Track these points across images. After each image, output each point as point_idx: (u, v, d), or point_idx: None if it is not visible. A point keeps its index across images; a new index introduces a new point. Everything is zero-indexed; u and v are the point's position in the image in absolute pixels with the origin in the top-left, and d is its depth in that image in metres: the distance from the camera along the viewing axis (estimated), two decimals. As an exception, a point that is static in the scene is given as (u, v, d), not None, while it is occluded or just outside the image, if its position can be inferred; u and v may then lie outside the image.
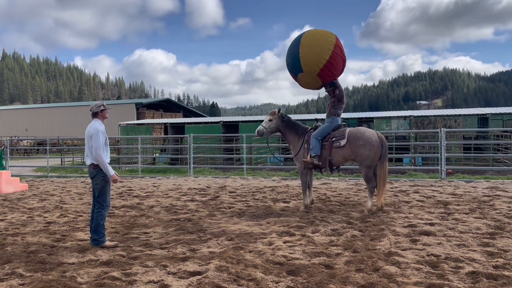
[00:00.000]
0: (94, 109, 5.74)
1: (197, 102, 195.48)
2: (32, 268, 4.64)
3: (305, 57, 7.36)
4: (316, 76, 7.50)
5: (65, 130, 47.73)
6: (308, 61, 7.37)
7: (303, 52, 7.37)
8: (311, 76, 7.55)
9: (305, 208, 7.76)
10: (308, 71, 7.45)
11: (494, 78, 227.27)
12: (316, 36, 7.52)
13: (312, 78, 7.60)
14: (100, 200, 5.64)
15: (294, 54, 7.51)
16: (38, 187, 12.38)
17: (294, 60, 7.56)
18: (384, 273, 4.16)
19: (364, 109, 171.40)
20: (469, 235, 5.61)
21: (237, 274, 4.22)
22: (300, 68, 7.52)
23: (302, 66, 7.44)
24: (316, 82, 7.72)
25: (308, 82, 7.81)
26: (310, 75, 7.52)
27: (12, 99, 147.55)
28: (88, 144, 5.64)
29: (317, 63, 7.34)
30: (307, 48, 7.36)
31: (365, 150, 7.24)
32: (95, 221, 5.58)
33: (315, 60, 7.33)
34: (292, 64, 7.68)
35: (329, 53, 7.33)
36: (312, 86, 7.98)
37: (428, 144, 17.96)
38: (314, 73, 7.46)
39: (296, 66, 7.54)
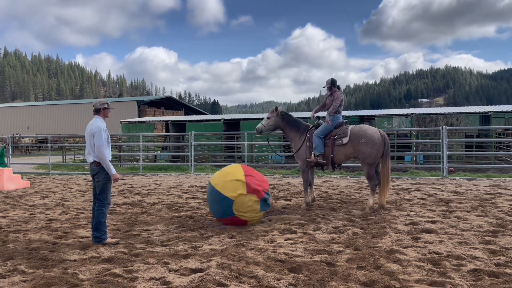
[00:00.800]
0: (97, 106, 5.72)
1: (198, 100, 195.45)
2: (34, 265, 4.65)
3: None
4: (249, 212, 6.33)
5: (66, 128, 47.78)
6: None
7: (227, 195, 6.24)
8: (246, 216, 6.33)
9: (306, 205, 7.76)
10: (241, 212, 6.28)
11: (496, 76, 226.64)
12: (224, 180, 6.43)
13: (248, 215, 6.36)
14: (101, 197, 5.65)
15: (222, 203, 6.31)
16: (39, 184, 12.40)
17: (223, 208, 6.32)
18: (385, 271, 4.16)
19: (365, 107, 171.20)
20: (470, 233, 5.61)
21: (238, 271, 4.22)
22: (231, 213, 6.28)
23: (234, 211, 6.24)
24: (254, 211, 6.37)
25: (251, 218, 6.42)
26: (244, 214, 6.31)
27: (14, 96, 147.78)
28: (89, 142, 5.63)
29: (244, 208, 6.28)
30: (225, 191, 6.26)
31: (367, 148, 7.23)
32: (96, 218, 5.59)
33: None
34: (222, 213, 6.40)
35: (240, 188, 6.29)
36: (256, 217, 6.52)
37: (429, 142, 17.91)
38: (245, 213, 6.30)
39: (227, 212, 6.32)
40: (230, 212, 6.23)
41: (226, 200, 6.19)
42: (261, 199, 6.37)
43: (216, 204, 6.36)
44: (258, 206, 6.33)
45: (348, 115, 23.50)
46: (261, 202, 6.38)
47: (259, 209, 6.37)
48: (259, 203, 6.34)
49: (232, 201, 6.17)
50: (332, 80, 7.89)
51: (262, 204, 6.41)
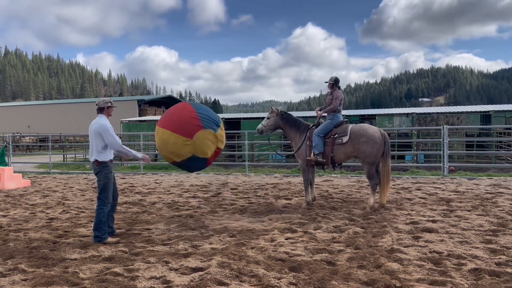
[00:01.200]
0: (101, 104, 5.75)
1: (199, 99, 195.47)
2: (35, 264, 4.65)
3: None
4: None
5: (67, 127, 47.80)
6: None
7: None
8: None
9: (307, 205, 7.75)
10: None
11: (497, 75, 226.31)
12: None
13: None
14: (102, 196, 5.65)
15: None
16: (40, 183, 12.41)
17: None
18: (386, 270, 4.15)
19: (366, 106, 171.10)
20: (471, 232, 5.60)
21: (239, 270, 4.22)
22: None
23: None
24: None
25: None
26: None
27: (14, 95, 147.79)
28: (93, 140, 5.65)
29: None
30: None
31: (367, 147, 7.22)
32: (96, 218, 5.60)
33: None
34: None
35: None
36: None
37: (430, 141, 17.92)
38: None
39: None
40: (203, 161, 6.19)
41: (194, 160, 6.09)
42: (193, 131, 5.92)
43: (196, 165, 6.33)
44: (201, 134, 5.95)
45: (349, 114, 23.50)
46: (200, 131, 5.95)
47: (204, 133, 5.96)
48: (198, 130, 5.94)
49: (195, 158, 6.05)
50: (336, 79, 7.88)
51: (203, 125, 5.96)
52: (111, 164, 5.73)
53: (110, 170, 5.70)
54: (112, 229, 5.91)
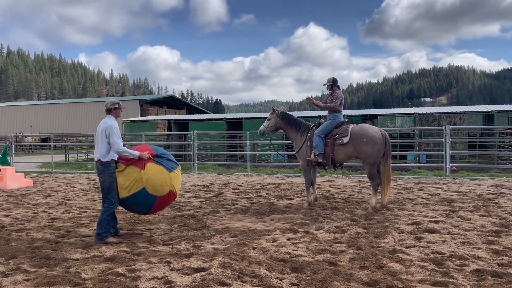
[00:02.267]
0: (108, 106, 5.84)
1: (200, 99, 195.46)
2: (37, 264, 4.66)
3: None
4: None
5: (69, 127, 47.88)
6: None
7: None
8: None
9: (308, 205, 7.75)
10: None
11: (500, 75, 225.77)
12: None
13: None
14: (109, 196, 5.67)
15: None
16: (42, 183, 12.43)
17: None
18: (388, 271, 4.15)
19: (368, 106, 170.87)
20: (474, 233, 5.58)
21: (241, 270, 4.21)
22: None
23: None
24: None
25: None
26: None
27: (17, 95, 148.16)
28: (99, 139, 5.69)
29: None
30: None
31: (368, 148, 7.21)
32: (100, 215, 5.63)
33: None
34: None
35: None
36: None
37: (432, 141, 17.88)
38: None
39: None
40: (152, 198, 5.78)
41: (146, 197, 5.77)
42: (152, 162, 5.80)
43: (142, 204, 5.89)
44: (157, 170, 5.77)
45: (351, 114, 23.48)
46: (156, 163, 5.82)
47: (161, 171, 5.79)
48: (156, 166, 5.80)
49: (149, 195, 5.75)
50: (334, 79, 7.89)
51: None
52: (114, 165, 5.74)
53: (114, 170, 5.72)
54: (115, 229, 5.92)
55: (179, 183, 6.20)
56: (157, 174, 5.78)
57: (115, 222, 5.96)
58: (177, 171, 6.12)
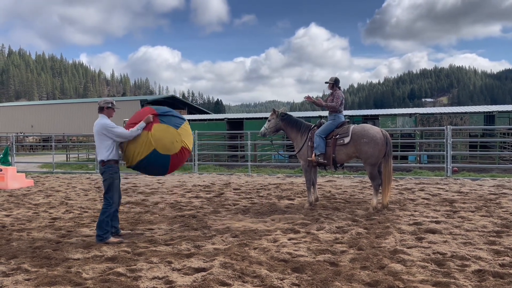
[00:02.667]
0: (101, 104, 5.78)
1: (201, 99, 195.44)
2: (38, 264, 4.66)
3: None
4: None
5: (70, 127, 47.94)
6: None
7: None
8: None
9: (309, 205, 7.74)
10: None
11: (501, 75, 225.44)
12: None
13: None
14: (107, 196, 5.67)
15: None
16: (43, 183, 12.44)
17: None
18: (389, 271, 4.14)
19: (369, 107, 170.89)
20: (475, 233, 5.57)
21: (241, 270, 4.21)
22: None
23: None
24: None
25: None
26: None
27: (18, 95, 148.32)
28: (97, 141, 5.68)
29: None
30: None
31: (369, 148, 7.20)
32: (100, 216, 5.61)
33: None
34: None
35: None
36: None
37: (433, 141, 17.86)
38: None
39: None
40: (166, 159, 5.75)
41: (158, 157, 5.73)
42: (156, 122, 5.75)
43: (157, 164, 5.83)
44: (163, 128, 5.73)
45: (352, 114, 23.47)
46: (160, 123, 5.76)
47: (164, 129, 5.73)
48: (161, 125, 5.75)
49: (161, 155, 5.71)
50: (336, 79, 7.88)
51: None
52: (116, 165, 5.74)
53: (115, 171, 5.70)
54: (116, 229, 5.92)
55: (189, 137, 6.08)
56: (165, 133, 5.73)
57: (117, 222, 5.95)
58: (184, 126, 6.00)
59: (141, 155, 5.69)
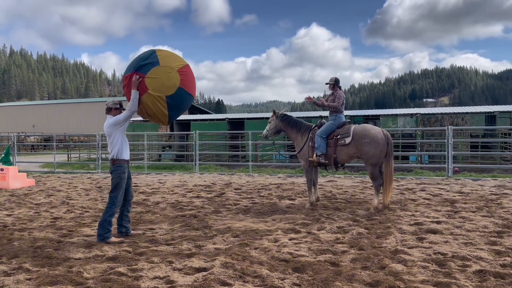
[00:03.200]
0: (109, 105, 5.81)
1: (202, 99, 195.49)
2: (39, 263, 4.66)
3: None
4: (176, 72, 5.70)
5: (71, 126, 47.99)
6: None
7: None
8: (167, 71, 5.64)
9: (310, 205, 7.74)
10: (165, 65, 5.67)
11: (502, 76, 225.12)
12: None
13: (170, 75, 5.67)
14: (112, 195, 5.69)
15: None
16: (45, 182, 12.46)
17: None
18: (390, 271, 4.14)
19: (370, 107, 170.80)
20: (476, 233, 5.57)
21: (242, 270, 4.21)
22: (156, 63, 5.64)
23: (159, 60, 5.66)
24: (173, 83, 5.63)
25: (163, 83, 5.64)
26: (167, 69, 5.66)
27: (19, 95, 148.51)
28: (108, 140, 5.74)
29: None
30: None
31: (370, 148, 7.20)
32: (103, 215, 5.63)
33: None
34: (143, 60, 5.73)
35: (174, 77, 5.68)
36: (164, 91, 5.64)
37: (434, 142, 17.84)
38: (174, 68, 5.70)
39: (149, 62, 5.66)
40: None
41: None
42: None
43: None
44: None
45: (353, 114, 23.45)
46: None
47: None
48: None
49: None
50: (336, 79, 7.88)
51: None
52: (126, 164, 5.76)
53: (124, 171, 5.71)
54: (127, 229, 5.93)
55: (171, 59, 5.72)
56: (158, 79, 5.49)
57: (128, 222, 5.98)
58: (155, 68, 5.53)
59: (164, 110, 5.56)
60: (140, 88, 5.52)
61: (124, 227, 5.89)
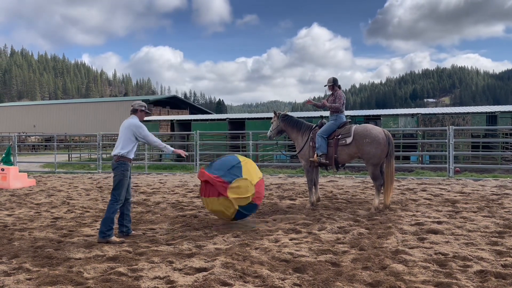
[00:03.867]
0: (136, 106, 5.98)
1: (203, 99, 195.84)
2: (39, 263, 4.66)
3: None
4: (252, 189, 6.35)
5: (72, 127, 48.02)
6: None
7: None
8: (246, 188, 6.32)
9: (311, 205, 7.73)
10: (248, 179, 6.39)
11: (503, 76, 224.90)
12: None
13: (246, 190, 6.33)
14: (115, 193, 5.71)
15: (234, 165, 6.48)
16: (45, 182, 12.46)
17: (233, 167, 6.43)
18: (391, 271, 4.13)
19: (371, 107, 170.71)
20: (477, 233, 5.56)
21: (243, 270, 4.21)
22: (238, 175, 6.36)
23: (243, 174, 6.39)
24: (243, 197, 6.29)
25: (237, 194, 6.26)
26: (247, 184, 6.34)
27: (20, 95, 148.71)
28: (123, 135, 5.78)
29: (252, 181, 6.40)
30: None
31: (371, 148, 7.18)
32: (106, 213, 5.66)
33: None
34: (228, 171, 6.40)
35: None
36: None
37: (435, 142, 17.83)
38: (253, 184, 6.38)
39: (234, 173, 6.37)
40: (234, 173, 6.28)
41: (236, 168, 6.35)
42: (244, 206, 6.25)
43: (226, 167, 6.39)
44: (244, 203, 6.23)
45: (354, 114, 23.44)
46: (242, 209, 6.25)
47: (233, 212, 6.24)
48: (246, 203, 6.25)
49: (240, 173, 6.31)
50: (334, 79, 7.87)
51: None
52: (129, 163, 5.81)
53: (127, 169, 5.76)
54: (128, 228, 5.95)
55: (252, 172, 6.53)
56: (236, 193, 6.15)
57: (129, 222, 6.00)
58: (239, 179, 6.25)
59: (231, 215, 6.29)
60: (218, 190, 6.11)
61: (125, 227, 5.90)
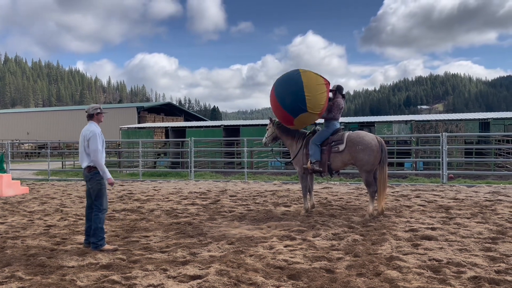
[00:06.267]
0: (90, 111, 5.78)
1: (198, 106, 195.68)
2: (32, 271, 4.62)
3: (311, 98, 7.21)
4: (317, 115, 7.49)
5: (66, 134, 47.71)
6: (313, 103, 7.25)
7: (308, 94, 7.19)
8: (312, 117, 7.46)
9: (306, 212, 7.74)
10: (312, 112, 7.32)
11: (496, 83, 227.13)
12: (313, 79, 7.39)
13: (312, 118, 7.54)
14: (97, 203, 5.64)
15: (299, 95, 7.21)
16: (38, 190, 12.37)
17: (297, 101, 7.24)
18: (385, 278, 4.13)
19: (365, 114, 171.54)
20: (471, 239, 5.58)
21: (237, 278, 4.19)
22: (304, 109, 7.25)
23: (308, 107, 7.24)
24: (313, 120, 7.68)
25: (306, 121, 7.64)
26: (312, 115, 7.42)
27: (14, 102, 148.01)
28: (83, 147, 5.65)
29: (320, 104, 7.33)
30: (312, 90, 7.21)
31: (364, 155, 7.21)
32: (93, 224, 5.57)
33: (319, 101, 7.30)
34: (293, 104, 7.30)
35: (325, 94, 7.39)
36: (306, 124, 7.82)
37: (429, 148, 17.91)
38: (317, 113, 7.42)
39: (299, 107, 7.25)
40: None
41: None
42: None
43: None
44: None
45: (348, 121, 23.51)
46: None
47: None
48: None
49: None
50: (338, 87, 7.84)
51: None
52: None
53: (101, 177, 5.66)
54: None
55: (311, 80, 7.34)
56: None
57: None
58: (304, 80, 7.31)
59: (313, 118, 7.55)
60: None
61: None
